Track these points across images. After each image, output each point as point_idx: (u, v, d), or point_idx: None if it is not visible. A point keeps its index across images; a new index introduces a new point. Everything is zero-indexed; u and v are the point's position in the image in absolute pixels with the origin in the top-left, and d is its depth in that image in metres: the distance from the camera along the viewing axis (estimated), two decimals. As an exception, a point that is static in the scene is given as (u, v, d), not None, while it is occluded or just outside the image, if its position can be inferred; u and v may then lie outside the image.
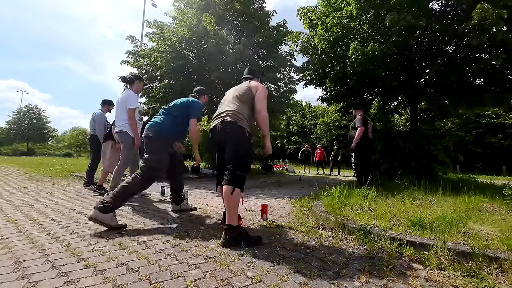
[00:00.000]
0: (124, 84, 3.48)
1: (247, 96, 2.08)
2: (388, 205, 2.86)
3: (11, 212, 2.67)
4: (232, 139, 1.95)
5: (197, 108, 2.70)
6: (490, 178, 8.81)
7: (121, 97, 3.40)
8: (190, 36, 7.49)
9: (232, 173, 1.88)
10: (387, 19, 4.63)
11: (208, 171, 7.88)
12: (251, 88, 2.11)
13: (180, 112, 2.66)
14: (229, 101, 2.12)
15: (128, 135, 3.29)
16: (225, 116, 2.00)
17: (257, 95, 2.08)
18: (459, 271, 1.46)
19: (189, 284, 1.28)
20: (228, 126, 1.96)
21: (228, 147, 1.96)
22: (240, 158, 1.92)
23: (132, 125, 3.24)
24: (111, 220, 2.15)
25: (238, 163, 1.91)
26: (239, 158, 1.92)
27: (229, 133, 1.95)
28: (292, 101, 10.39)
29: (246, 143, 1.97)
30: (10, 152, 34.00)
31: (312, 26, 7.23)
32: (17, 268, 1.41)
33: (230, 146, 1.95)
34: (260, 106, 2.06)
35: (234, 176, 1.87)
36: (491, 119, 19.59)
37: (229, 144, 1.96)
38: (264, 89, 2.14)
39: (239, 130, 1.95)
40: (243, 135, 1.96)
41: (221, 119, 2.00)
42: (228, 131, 1.95)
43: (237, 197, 1.86)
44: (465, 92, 5.87)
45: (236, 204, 1.86)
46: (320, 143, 23.16)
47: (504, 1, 4.10)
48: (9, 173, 7.09)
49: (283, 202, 3.73)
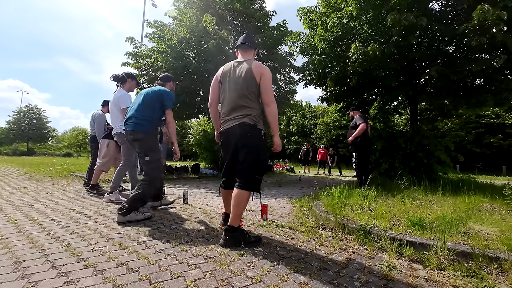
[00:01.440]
0: (116, 83, 3.45)
1: (254, 88, 1.90)
2: (388, 205, 2.86)
3: (11, 212, 2.67)
4: (254, 143, 1.87)
5: (171, 98, 2.64)
6: (490, 178, 8.80)
7: (113, 97, 3.37)
8: (190, 36, 7.50)
9: (251, 177, 1.84)
10: (389, 18, 4.63)
11: (208, 171, 7.88)
12: (254, 73, 1.88)
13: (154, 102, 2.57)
14: (238, 98, 1.90)
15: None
16: (243, 118, 1.87)
17: (263, 84, 1.88)
18: (459, 271, 1.46)
19: (189, 284, 1.28)
20: (249, 131, 1.86)
21: (248, 151, 1.86)
22: (261, 162, 1.88)
23: None
24: (136, 216, 2.40)
25: (258, 167, 1.87)
26: (259, 162, 1.87)
27: (251, 138, 1.86)
28: (292, 101, 10.41)
29: (265, 147, 1.93)
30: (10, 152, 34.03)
31: (312, 26, 7.23)
32: (17, 268, 1.41)
33: (251, 151, 1.85)
34: (268, 98, 1.89)
35: (253, 181, 1.85)
36: (491, 119, 19.57)
37: (249, 149, 1.86)
38: (269, 74, 1.91)
39: (260, 134, 1.89)
40: (263, 138, 1.90)
41: (239, 121, 1.88)
42: (250, 135, 1.86)
43: (248, 201, 1.86)
44: (465, 92, 5.87)
45: (245, 207, 1.87)
46: (320, 143, 23.18)
47: (504, 2, 4.10)
48: (9, 173, 7.09)
49: (283, 202, 3.73)
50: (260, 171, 1.90)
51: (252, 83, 1.89)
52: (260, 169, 1.90)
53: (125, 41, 8.21)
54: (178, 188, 4.93)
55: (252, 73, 1.89)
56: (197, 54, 7.96)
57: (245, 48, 2.08)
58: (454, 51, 5.62)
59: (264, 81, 1.89)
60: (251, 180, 1.85)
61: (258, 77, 1.89)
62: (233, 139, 1.91)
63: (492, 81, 5.37)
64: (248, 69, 1.91)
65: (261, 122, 1.94)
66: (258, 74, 1.89)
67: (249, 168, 1.85)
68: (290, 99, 9.99)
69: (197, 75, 8.06)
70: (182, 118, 9.85)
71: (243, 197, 1.82)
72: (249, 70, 1.90)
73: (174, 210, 3.00)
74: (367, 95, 7.60)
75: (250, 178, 1.84)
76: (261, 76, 1.89)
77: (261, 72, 1.89)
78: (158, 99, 2.58)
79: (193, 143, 10.20)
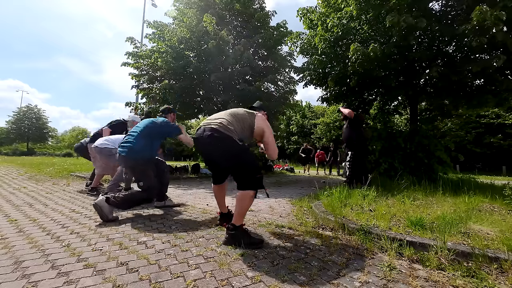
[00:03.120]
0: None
1: (245, 121, 2.03)
2: (388, 205, 2.86)
3: (11, 212, 2.67)
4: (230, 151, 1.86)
5: (173, 127, 2.78)
6: (490, 178, 8.80)
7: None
8: (190, 36, 7.50)
9: (252, 178, 1.85)
10: (387, 20, 4.63)
11: (208, 171, 7.88)
12: (256, 120, 2.06)
13: (154, 133, 2.69)
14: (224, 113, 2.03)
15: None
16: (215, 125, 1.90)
17: (267, 140, 2.09)
18: (459, 271, 1.46)
19: (189, 284, 1.28)
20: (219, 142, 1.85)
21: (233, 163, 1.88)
22: (250, 163, 1.90)
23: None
24: (110, 212, 2.35)
25: (251, 168, 1.89)
26: (249, 164, 1.89)
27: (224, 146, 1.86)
28: (292, 101, 10.41)
29: (243, 149, 1.92)
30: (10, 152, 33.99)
31: (312, 26, 7.22)
32: (17, 268, 1.41)
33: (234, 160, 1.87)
34: (272, 151, 2.13)
35: (254, 180, 1.86)
36: (491, 119, 19.58)
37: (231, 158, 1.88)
38: (269, 130, 2.09)
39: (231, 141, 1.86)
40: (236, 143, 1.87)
41: (210, 131, 1.88)
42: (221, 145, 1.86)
43: (251, 200, 1.87)
44: (465, 92, 5.87)
45: (248, 206, 1.88)
46: (320, 143, 23.18)
47: (504, 2, 4.10)
48: (9, 173, 7.09)
49: (283, 202, 3.73)
50: (255, 171, 1.89)
51: (248, 119, 2.06)
52: (254, 169, 1.90)
53: (125, 41, 8.22)
54: (178, 188, 4.93)
55: (253, 116, 2.09)
56: (197, 54, 7.96)
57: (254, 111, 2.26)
58: (454, 51, 5.61)
59: (269, 138, 2.10)
60: (253, 180, 1.85)
61: (258, 125, 2.07)
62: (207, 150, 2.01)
63: (492, 81, 5.36)
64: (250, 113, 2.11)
65: (230, 130, 1.90)
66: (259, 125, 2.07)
67: (244, 173, 1.87)
68: (290, 99, 9.99)
69: (197, 75, 8.06)
70: (182, 118, 9.85)
71: (245, 196, 1.83)
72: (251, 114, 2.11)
73: (174, 210, 3.00)
74: (367, 95, 7.60)
75: (251, 178, 1.85)
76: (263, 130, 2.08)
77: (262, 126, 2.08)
78: (160, 131, 2.72)
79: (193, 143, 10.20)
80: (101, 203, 2.31)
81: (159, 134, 2.74)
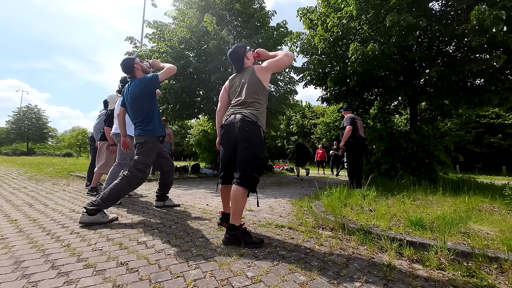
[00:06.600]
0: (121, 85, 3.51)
1: (260, 89, 2.03)
2: (388, 205, 2.86)
3: (11, 212, 2.67)
4: (252, 139, 1.90)
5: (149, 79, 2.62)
6: (490, 178, 8.81)
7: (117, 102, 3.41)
8: (190, 36, 7.50)
9: (249, 174, 1.85)
10: (387, 19, 4.63)
11: (208, 171, 7.88)
12: (258, 75, 2.02)
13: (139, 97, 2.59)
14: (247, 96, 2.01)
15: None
16: (246, 113, 1.93)
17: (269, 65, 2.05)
18: (459, 271, 1.46)
19: (189, 284, 1.28)
20: (248, 126, 1.90)
21: (246, 146, 1.89)
22: (257, 159, 1.90)
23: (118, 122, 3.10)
24: (101, 218, 2.28)
25: (256, 165, 1.89)
26: (256, 158, 1.89)
27: (250, 133, 1.89)
28: (292, 101, 10.40)
29: (263, 146, 1.96)
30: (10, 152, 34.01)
31: (312, 26, 7.22)
32: (17, 268, 1.41)
33: (249, 146, 1.89)
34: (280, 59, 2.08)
35: (250, 178, 1.85)
36: (491, 119, 19.56)
37: (247, 143, 1.89)
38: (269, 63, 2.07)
39: (259, 131, 1.93)
40: (261, 136, 1.94)
41: (241, 115, 1.93)
42: (249, 130, 1.89)
43: (246, 198, 1.87)
44: (465, 92, 5.87)
45: (243, 205, 1.87)
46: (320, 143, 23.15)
47: (503, 1, 4.10)
48: (9, 173, 7.09)
49: (283, 202, 3.73)
50: (258, 170, 1.90)
51: (258, 85, 2.02)
52: (259, 167, 1.91)
53: (124, 40, 8.22)
54: (178, 188, 4.93)
55: (256, 73, 2.04)
56: (197, 54, 7.95)
57: (237, 61, 2.16)
58: (454, 51, 5.62)
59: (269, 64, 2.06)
60: (248, 176, 1.85)
61: (261, 77, 2.03)
62: (232, 133, 1.96)
63: (492, 81, 5.36)
64: (252, 73, 2.05)
65: (262, 121, 1.98)
66: (261, 72, 2.04)
67: (245, 161, 1.87)
68: (290, 99, 9.98)
69: (197, 75, 8.06)
70: (182, 118, 9.84)
71: (239, 193, 1.82)
72: (253, 74, 2.05)
73: (174, 210, 3.00)
74: (367, 95, 7.60)
75: (246, 172, 1.85)
76: (261, 70, 2.04)
77: (260, 68, 2.05)
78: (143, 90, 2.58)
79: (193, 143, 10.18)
80: (84, 219, 2.23)
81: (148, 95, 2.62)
